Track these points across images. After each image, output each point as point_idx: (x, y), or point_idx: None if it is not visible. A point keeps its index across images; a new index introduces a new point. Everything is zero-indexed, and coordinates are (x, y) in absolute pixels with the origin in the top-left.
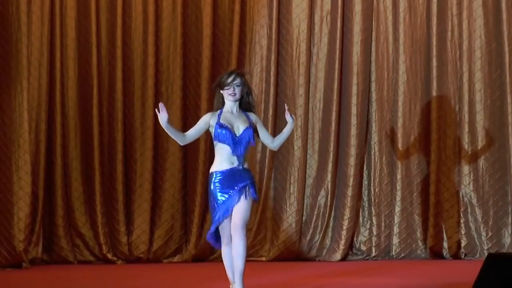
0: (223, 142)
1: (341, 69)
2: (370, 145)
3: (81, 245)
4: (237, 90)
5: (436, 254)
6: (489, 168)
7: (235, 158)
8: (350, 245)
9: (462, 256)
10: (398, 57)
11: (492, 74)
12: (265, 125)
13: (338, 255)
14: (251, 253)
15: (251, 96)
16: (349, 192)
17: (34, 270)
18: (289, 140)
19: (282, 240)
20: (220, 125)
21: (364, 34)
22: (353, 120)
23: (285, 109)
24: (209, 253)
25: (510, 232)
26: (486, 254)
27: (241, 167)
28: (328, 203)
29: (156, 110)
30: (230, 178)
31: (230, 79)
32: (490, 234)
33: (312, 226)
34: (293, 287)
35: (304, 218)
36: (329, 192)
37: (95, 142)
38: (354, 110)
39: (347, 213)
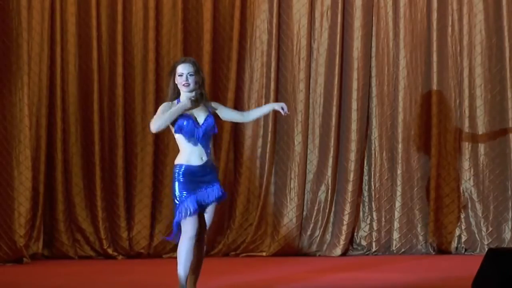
0: (185, 133)
1: (341, 64)
2: (371, 140)
3: (82, 240)
4: (191, 80)
5: (436, 249)
6: (490, 163)
7: (203, 151)
8: (351, 240)
9: (462, 251)
10: (398, 52)
11: (492, 69)
12: (265, 120)
13: (338, 250)
14: (252, 248)
15: (203, 86)
16: (350, 187)
17: (35, 265)
18: (289, 135)
19: (283, 235)
20: (184, 115)
21: (364, 29)
22: (354, 115)
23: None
24: (210, 248)
25: (510, 227)
26: (486, 249)
27: (208, 163)
28: (329, 198)
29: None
30: (197, 176)
31: (182, 69)
32: (490, 229)
33: (312, 221)
34: (293, 282)
35: (304, 213)
36: (330, 187)
37: (95, 137)
38: (354, 105)
39: (347, 208)
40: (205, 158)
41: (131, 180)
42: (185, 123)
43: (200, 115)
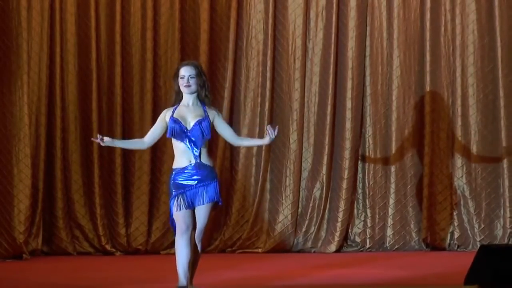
0: (175, 136)
1: (336, 64)
2: (365, 138)
3: (81, 236)
4: (192, 82)
5: (429, 245)
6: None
7: (191, 154)
8: (345, 237)
9: (455, 248)
10: (392, 52)
11: (484, 68)
12: (262, 119)
13: (333, 247)
14: (248, 245)
15: (205, 88)
16: (344, 184)
17: (34, 261)
18: (285, 133)
19: (278, 232)
20: (173, 120)
21: (359, 29)
22: (348, 114)
23: (272, 129)
24: (206, 245)
25: (502, 224)
26: (478, 245)
27: (199, 165)
28: (323, 196)
29: (99, 142)
30: (187, 178)
31: (184, 71)
32: (482, 226)
33: (307, 218)
34: (288, 278)
35: (299, 210)
36: (324, 185)
37: (94, 136)
38: (349, 104)
39: (342, 205)
40: (193, 161)
41: (129, 178)
42: (174, 126)
43: (192, 119)
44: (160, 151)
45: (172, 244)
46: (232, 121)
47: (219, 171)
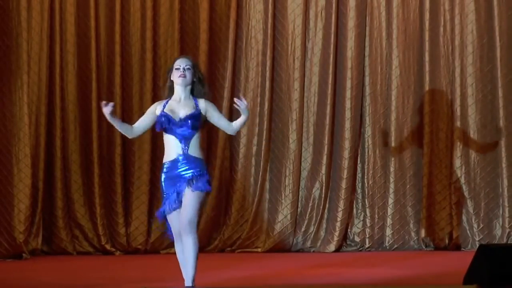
0: (164, 130)
1: (335, 64)
2: (364, 138)
3: (80, 236)
4: (187, 73)
5: (428, 245)
6: (481, 161)
7: (180, 146)
8: (344, 237)
9: (454, 247)
10: (391, 52)
11: (483, 68)
12: (261, 119)
13: (332, 246)
14: (247, 244)
15: (203, 83)
16: (343, 184)
17: (34, 261)
18: (284, 133)
19: (278, 231)
20: (162, 114)
21: (358, 29)
22: (347, 114)
23: (239, 99)
24: (206, 244)
25: (501, 223)
26: (477, 245)
27: (187, 156)
28: (323, 195)
29: (102, 105)
30: (176, 169)
31: (180, 62)
32: (481, 225)
33: (307, 217)
34: (288, 278)
35: (299, 210)
36: (324, 185)
37: (94, 135)
38: (348, 104)
39: (341, 205)
40: (181, 153)
41: (129, 177)
42: (163, 119)
43: (181, 111)
44: (160, 151)
45: (172, 244)
46: (232, 121)
47: (219, 171)
